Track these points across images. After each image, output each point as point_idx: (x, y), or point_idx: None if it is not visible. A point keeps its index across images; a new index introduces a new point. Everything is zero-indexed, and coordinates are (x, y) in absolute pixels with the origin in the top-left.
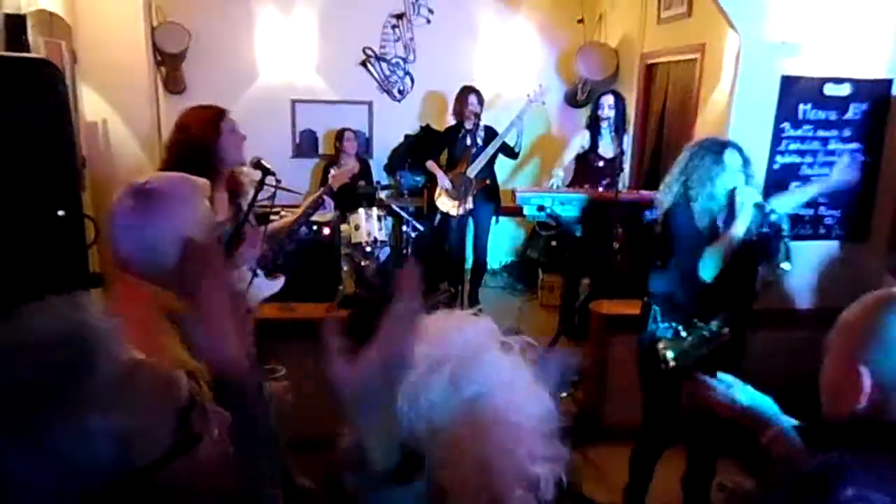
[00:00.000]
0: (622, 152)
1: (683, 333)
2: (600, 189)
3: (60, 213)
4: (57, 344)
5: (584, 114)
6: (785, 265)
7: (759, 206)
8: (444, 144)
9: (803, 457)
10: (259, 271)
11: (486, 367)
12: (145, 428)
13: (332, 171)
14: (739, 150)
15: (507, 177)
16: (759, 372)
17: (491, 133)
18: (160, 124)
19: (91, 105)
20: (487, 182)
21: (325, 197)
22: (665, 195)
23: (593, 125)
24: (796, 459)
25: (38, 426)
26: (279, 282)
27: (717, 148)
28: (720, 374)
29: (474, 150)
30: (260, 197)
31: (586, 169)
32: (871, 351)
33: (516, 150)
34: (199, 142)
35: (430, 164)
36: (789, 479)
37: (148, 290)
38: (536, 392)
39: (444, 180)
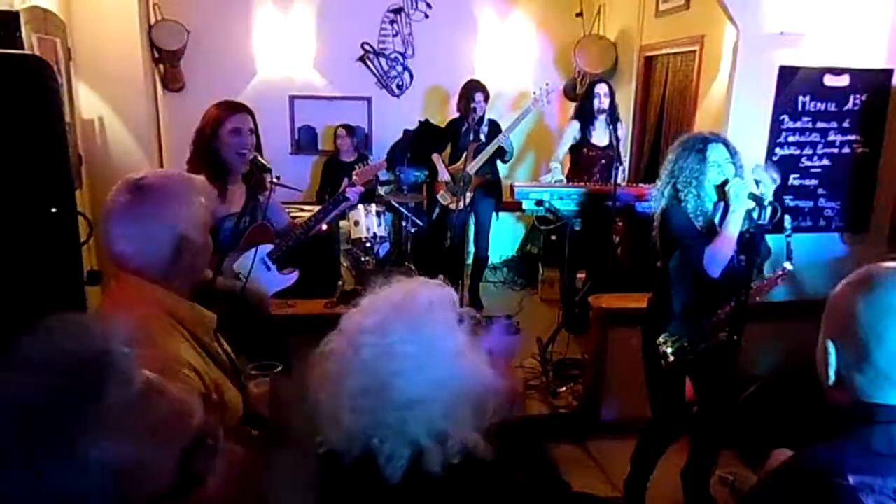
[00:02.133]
0: (618, 140)
1: (684, 330)
2: (597, 179)
3: (53, 210)
4: (67, 367)
5: None
6: (787, 264)
7: (755, 198)
8: (448, 138)
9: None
10: (272, 265)
11: (416, 323)
12: (147, 463)
13: (358, 168)
14: (725, 143)
15: (506, 172)
16: (759, 364)
17: (495, 128)
18: (159, 122)
19: (87, 102)
20: (488, 177)
21: (350, 192)
22: (658, 198)
23: (585, 115)
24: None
25: (35, 451)
26: (293, 276)
27: (700, 146)
28: None
29: (477, 144)
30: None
31: (581, 160)
32: (836, 328)
33: (506, 158)
34: (205, 138)
35: (435, 158)
36: (787, 477)
37: (144, 287)
38: (473, 364)
39: (444, 174)
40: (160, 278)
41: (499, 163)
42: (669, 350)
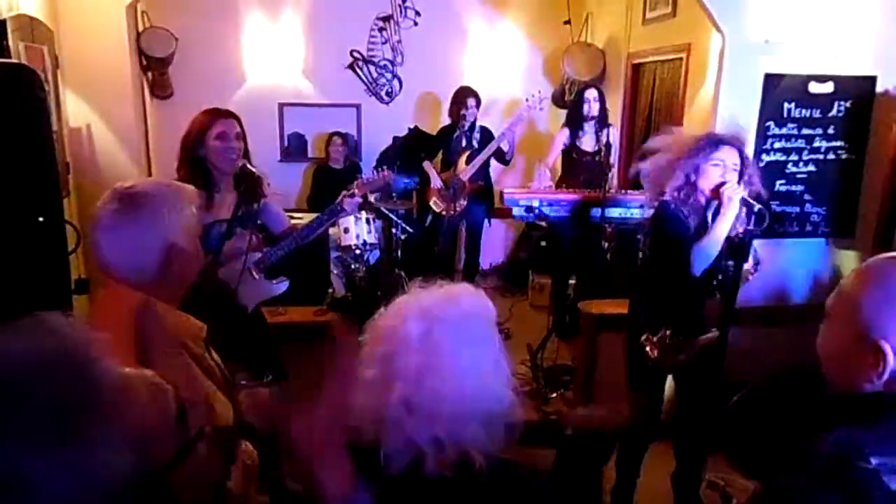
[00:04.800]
0: (609, 145)
1: (669, 331)
2: (586, 183)
3: (41, 219)
4: (51, 366)
5: None
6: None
7: (746, 204)
8: (440, 145)
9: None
10: (259, 273)
11: (464, 336)
12: (151, 433)
13: (361, 178)
14: (739, 150)
15: (496, 178)
16: (746, 368)
17: (487, 134)
18: (147, 129)
19: (75, 110)
20: (481, 184)
21: (348, 202)
22: (655, 188)
23: (574, 120)
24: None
25: (56, 443)
26: (282, 285)
27: (714, 141)
28: None
29: (469, 151)
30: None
31: (571, 165)
32: (887, 325)
33: (507, 157)
34: (193, 145)
35: (427, 165)
36: (809, 465)
37: (132, 297)
38: (493, 383)
39: (436, 181)
40: (149, 287)
41: (491, 170)
42: (653, 350)
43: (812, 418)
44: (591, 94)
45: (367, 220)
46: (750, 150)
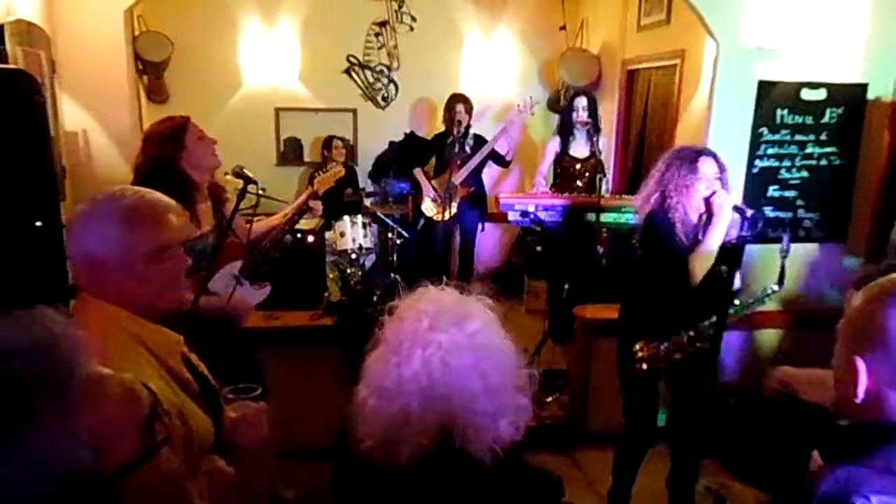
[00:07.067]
0: (599, 152)
1: (661, 338)
2: (580, 190)
3: (38, 223)
4: (33, 353)
5: None
6: (774, 286)
7: (738, 210)
8: (433, 151)
9: (818, 472)
10: (244, 280)
11: (473, 313)
12: (116, 433)
13: (318, 175)
14: (715, 157)
15: (491, 183)
16: (739, 373)
17: (480, 141)
18: (143, 133)
19: (71, 115)
20: (472, 189)
21: (311, 202)
22: (643, 206)
23: (565, 128)
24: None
25: (18, 430)
26: (265, 290)
27: (692, 156)
28: None
29: (463, 157)
30: (243, 206)
31: (563, 172)
32: (867, 344)
33: (507, 158)
34: (162, 159)
35: (417, 172)
36: (808, 501)
37: (104, 308)
38: (508, 347)
39: (428, 190)
40: (118, 300)
41: (484, 175)
42: (643, 357)
43: (806, 432)
44: (581, 101)
45: (364, 225)
46: (743, 156)
